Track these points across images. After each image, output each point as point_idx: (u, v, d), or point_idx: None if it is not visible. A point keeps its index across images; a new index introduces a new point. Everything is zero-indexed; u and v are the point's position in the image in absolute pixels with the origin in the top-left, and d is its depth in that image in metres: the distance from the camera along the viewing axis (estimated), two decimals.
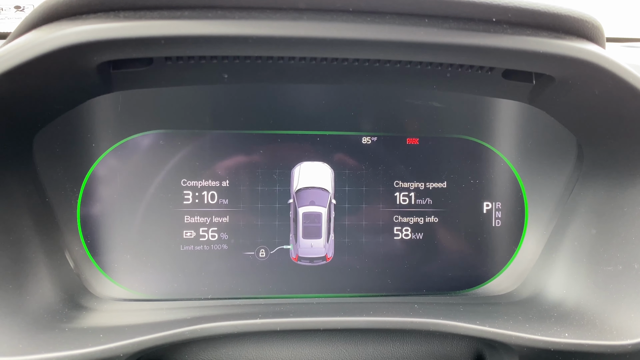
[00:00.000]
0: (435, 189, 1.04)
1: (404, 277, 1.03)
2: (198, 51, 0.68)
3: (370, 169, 1.03)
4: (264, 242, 1.00)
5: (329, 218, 1.02)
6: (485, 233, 1.05)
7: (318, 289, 1.02)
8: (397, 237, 1.04)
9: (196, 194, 0.99)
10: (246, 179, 1.00)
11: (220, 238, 0.99)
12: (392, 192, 1.03)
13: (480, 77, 0.83)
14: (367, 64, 0.78)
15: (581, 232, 0.94)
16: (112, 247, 0.97)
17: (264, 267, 1.00)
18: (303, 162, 1.01)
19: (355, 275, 1.02)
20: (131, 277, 0.98)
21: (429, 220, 1.04)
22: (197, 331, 0.77)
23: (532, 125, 1.00)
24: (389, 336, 0.88)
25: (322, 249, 1.02)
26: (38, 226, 0.88)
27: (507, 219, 1.05)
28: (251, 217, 1.00)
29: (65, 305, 0.87)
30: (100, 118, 0.93)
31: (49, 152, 0.89)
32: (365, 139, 1.03)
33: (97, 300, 0.93)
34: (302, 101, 0.99)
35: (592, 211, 0.93)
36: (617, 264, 0.87)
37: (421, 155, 1.04)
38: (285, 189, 1.01)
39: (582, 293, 0.91)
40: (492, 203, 1.05)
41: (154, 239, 0.98)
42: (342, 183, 1.02)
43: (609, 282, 0.87)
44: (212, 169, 0.99)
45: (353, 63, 0.77)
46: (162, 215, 0.98)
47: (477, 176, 1.05)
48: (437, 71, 0.79)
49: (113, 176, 0.96)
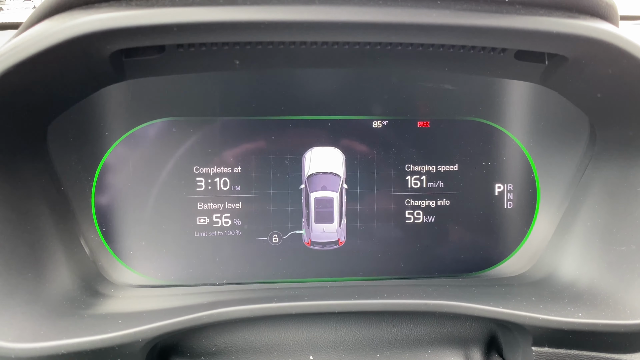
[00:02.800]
0: (446, 172, 1.04)
1: (416, 260, 1.04)
2: (210, 38, 0.68)
3: (381, 153, 1.03)
4: (277, 227, 1.01)
5: (341, 203, 1.02)
6: (497, 215, 1.05)
7: (331, 272, 1.02)
8: (409, 220, 1.04)
9: (209, 180, 0.99)
10: (258, 165, 1.00)
11: (234, 224, 1.00)
12: (403, 176, 1.04)
13: (492, 59, 0.82)
14: (378, 47, 0.78)
15: (594, 213, 0.94)
16: (126, 234, 0.98)
17: (277, 252, 1.01)
18: (314, 147, 1.01)
19: (368, 259, 1.03)
20: (146, 264, 0.99)
21: (440, 203, 1.05)
22: (214, 315, 0.78)
23: (544, 106, 0.99)
24: (402, 319, 0.89)
25: (335, 233, 1.02)
26: (54, 215, 0.89)
27: (519, 201, 1.05)
28: (264, 203, 1.00)
29: (83, 292, 0.88)
30: (113, 107, 0.93)
31: (62, 141, 0.90)
32: (376, 123, 1.02)
33: (113, 286, 0.95)
34: (313, 86, 0.99)
35: (604, 191, 0.93)
36: (630, 243, 0.87)
37: (432, 139, 1.04)
38: (297, 174, 1.01)
39: (595, 273, 0.91)
40: (504, 185, 1.05)
41: (168, 226, 0.99)
42: (354, 168, 1.02)
43: (622, 262, 0.87)
44: (223, 155, 0.99)
45: (364, 47, 0.77)
46: (175, 202, 0.99)
47: (488, 158, 1.05)
48: (449, 53, 0.79)
49: (126, 164, 0.97)
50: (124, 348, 0.73)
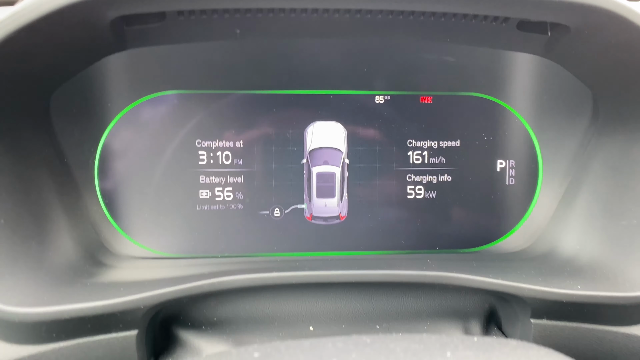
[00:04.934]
0: (448, 148, 1.04)
1: (417, 235, 1.04)
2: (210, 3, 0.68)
3: (383, 128, 1.03)
4: (279, 201, 1.01)
5: (342, 178, 1.03)
6: (499, 191, 1.05)
7: (332, 247, 1.03)
8: (411, 196, 1.04)
9: (211, 154, 1.00)
10: (260, 139, 1.00)
11: (236, 198, 1.01)
12: (405, 152, 1.04)
13: (495, 29, 0.82)
14: (379, 17, 0.77)
15: (596, 188, 0.94)
16: (129, 206, 0.99)
17: (278, 226, 1.02)
18: (316, 122, 1.01)
19: (369, 234, 1.04)
20: (149, 236, 1.00)
21: (442, 179, 1.05)
22: (215, 284, 0.79)
23: (547, 80, 0.98)
24: (401, 291, 0.89)
25: (336, 208, 1.03)
26: (57, 185, 0.90)
27: (520, 177, 1.05)
28: (265, 177, 1.01)
29: (86, 262, 0.89)
30: (115, 77, 0.94)
31: (66, 112, 0.91)
32: (378, 98, 1.02)
33: (116, 257, 0.96)
34: (315, 59, 0.99)
35: (606, 166, 0.92)
36: (631, 218, 0.87)
37: (435, 114, 1.03)
38: (299, 149, 1.01)
39: (596, 248, 0.91)
40: (506, 161, 1.05)
41: (171, 199, 0.99)
42: (356, 143, 1.02)
43: (623, 236, 0.87)
44: (226, 129, 0.99)
45: (366, 15, 0.77)
46: (178, 175, 0.99)
47: (490, 134, 1.04)
48: (451, 23, 0.78)
49: (129, 137, 0.97)
50: (126, 315, 0.74)
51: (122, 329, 0.75)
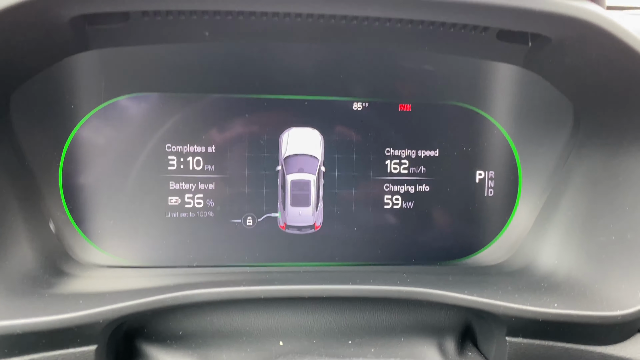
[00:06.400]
0: (427, 157, 1.02)
1: (394, 246, 1.02)
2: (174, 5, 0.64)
3: (361, 135, 1.00)
4: (252, 209, 0.98)
5: (318, 186, 1.00)
6: (477, 202, 1.03)
7: (306, 257, 1.00)
8: (387, 205, 1.01)
9: (181, 159, 0.96)
10: (233, 145, 0.97)
11: (207, 205, 0.97)
12: (383, 160, 1.01)
13: (474, 38, 0.79)
14: (355, 22, 0.74)
15: (575, 202, 0.92)
16: (95, 212, 0.94)
17: (251, 235, 0.98)
18: (292, 128, 0.98)
19: (344, 244, 1.01)
20: (115, 243, 0.96)
21: (420, 189, 1.02)
22: (179, 298, 0.75)
23: (528, 91, 0.96)
24: (375, 305, 0.87)
25: (311, 217, 1.00)
26: (17, 190, 0.85)
27: (500, 189, 1.03)
28: (238, 184, 0.97)
29: (46, 271, 0.85)
30: (80, 78, 0.89)
31: (27, 113, 0.86)
32: (356, 104, 0.99)
33: (79, 266, 0.92)
34: (291, 64, 0.95)
35: (586, 181, 0.91)
36: (610, 234, 0.85)
37: (413, 123, 1.01)
38: (274, 155, 0.98)
39: (574, 263, 0.89)
40: (485, 172, 1.03)
41: (138, 205, 0.96)
42: (332, 150, 1.00)
43: (601, 252, 0.85)
44: (197, 133, 0.96)
45: (341, 21, 0.74)
46: (146, 181, 0.95)
47: (470, 144, 1.02)
48: (429, 31, 0.76)
49: (95, 140, 0.93)
50: (84, 329, 0.70)
51: (80, 344, 0.71)
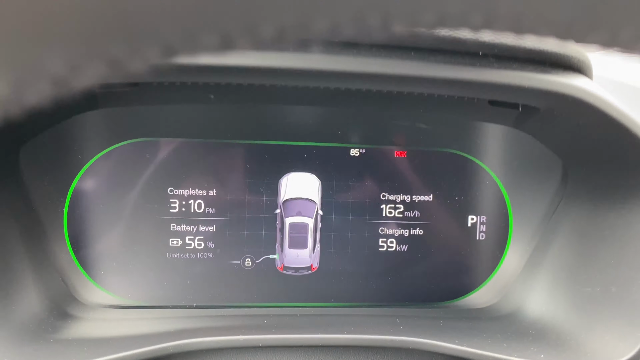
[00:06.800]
0: (421, 202, 1.05)
1: (388, 288, 1.05)
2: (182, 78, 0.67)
3: (357, 181, 1.03)
4: (250, 251, 1.01)
5: (315, 229, 1.03)
6: (469, 246, 1.06)
7: (303, 298, 1.03)
8: (382, 248, 1.05)
9: (183, 202, 0.99)
10: (233, 189, 1.00)
11: (207, 247, 1.00)
12: (378, 204, 1.04)
13: (467, 103, 0.83)
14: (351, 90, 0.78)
15: (562, 252, 0.96)
16: (99, 254, 0.97)
17: (249, 276, 1.01)
18: (291, 172, 1.02)
19: (340, 286, 1.04)
20: (118, 284, 0.99)
21: (414, 232, 1.05)
22: (180, 346, 0.78)
23: (519, 146, 1.00)
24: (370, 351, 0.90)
25: (308, 259, 1.03)
26: (25, 236, 0.88)
27: (491, 234, 1.06)
28: (238, 227, 1.01)
29: (51, 313, 0.88)
30: (87, 132, 0.92)
31: (35, 162, 0.89)
32: (353, 151, 1.03)
33: (83, 307, 0.95)
34: (291, 112, 0.99)
35: (574, 232, 0.94)
36: (595, 285, 0.89)
37: (409, 168, 1.04)
38: (273, 199, 1.01)
39: (560, 312, 0.93)
40: (477, 217, 1.06)
41: (141, 247, 0.99)
42: (329, 194, 1.03)
43: (586, 303, 0.89)
44: (199, 178, 0.99)
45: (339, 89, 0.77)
46: (148, 223, 0.98)
47: (463, 190, 1.05)
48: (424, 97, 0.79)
49: (99, 184, 0.96)
50: None
51: None
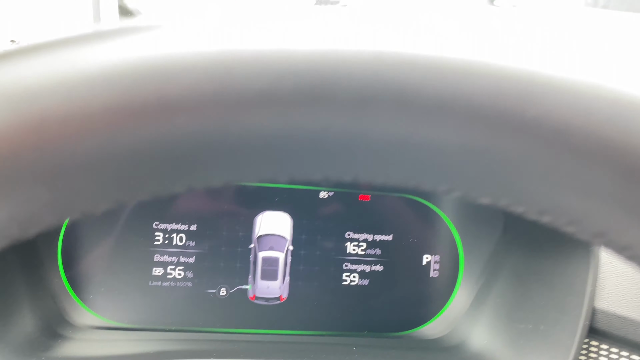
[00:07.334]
0: (382, 241, 1.17)
1: (350, 318, 1.16)
2: None
3: (325, 220, 1.15)
4: (225, 281, 1.12)
5: (286, 262, 1.14)
6: (424, 282, 1.18)
7: (271, 325, 1.14)
8: (346, 282, 1.16)
9: (166, 235, 1.10)
10: (212, 224, 1.11)
11: (186, 276, 1.11)
12: (343, 242, 1.16)
13: None
14: None
15: (504, 291, 1.08)
16: (89, 280, 1.08)
17: (223, 304, 1.12)
18: (265, 211, 1.13)
19: (306, 315, 1.15)
20: (105, 307, 1.09)
21: (375, 268, 1.17)
22: None
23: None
24: None
25: (278, 290, 1.14)
26: (22, 261, 0.99)
27: (443, 272, 1.18)
28: (215, 259, 1.12)
29: (43, 334, 0.99)
30: None
31: None
32: (322, 193, 1.15)
33: (73, 328, 1.05)
34: None
35: (513, 274, 1.06)
36: (528, 323, 1.00)
37: (371, 211, 1.16)
38: (248, 234, 1.13)
39: (499, 346, 1.04)
40: (432, 256, 1.18)
41: (127, 274, 1.09)
42: (300, 232, 1.14)
43: (520, 338, 1.00)
44: (181, 214, 1.10)
45: None
46: (134, 253, 1.09)
47: (419, 232, 1.17)
48: None
49: (92, 218, 1.07)
50: None
51: None
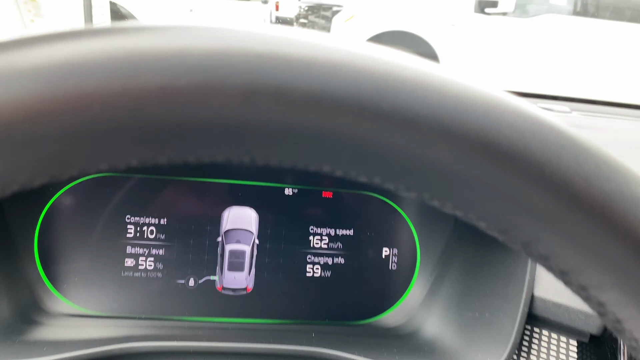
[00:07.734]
0: (343, 235, 1.24)
1: (312, 307, 1.23)
2: None
3: (290, 215, 1.22)
4: (194, 272, 1.19)
5: (252, 255, 1.21)
6: (383, 274, 1.25)
7: (238, 314, 1.20)
8: (309, 274, 1.23)
9: (137, 228, 1.16)
10: (181, 219, 1.18)
11: (156, 267, 1.17)
12: (307, 236, 1.23)
13: None
14: None
15: (454, 282, 1.15)
16: (63, 269, 1.14)
17: (192, 294, 1.19)
18: (232, 206, 1.20)
19: (271, 305, 1.21)
20: (79, 296, 1.15)
21: (336, 261, 1.24)
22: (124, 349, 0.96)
23: None
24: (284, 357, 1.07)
25: (244, 281, 1.20)
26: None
27: (401, 264, 1.25)
28: (184, 251, 1.18)
29: (18, 320, 1.05)
30: None
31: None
32: (287, 190, 1.21)
33: (47, 315, 1.11)
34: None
35: (463, 266, 1.14)
36: (475, 311, 1.07)
37: (334, 207, 1.23)
38: (215, 228, 1.19)
39: (449, 333, 1.11)
40: (390, 249, 1.25)
41: (100, 265, 1.15)
42: (265, 226, 1.21)
43: (468, 326, 1.08)
44: (152, 208, 1.17)
45: None
46: (107, 245, 1.15)
47: (379, 226, 1.24)
48: None
49: (67, 211, 1.13)
50: None
51: None
